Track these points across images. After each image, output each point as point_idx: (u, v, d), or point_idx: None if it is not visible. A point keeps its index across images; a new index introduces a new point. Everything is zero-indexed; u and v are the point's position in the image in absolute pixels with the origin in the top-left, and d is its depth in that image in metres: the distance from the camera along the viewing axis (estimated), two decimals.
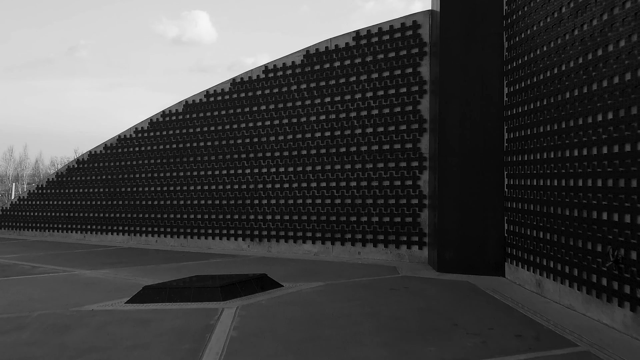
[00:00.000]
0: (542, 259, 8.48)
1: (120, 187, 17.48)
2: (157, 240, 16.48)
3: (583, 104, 7.32)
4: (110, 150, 17.83)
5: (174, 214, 16.15)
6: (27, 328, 7.08)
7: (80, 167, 18.73)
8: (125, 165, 17.40)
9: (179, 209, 16.04)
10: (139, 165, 17.04)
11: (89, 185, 18.36)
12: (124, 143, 17.49)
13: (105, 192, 17.89)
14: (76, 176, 18.79)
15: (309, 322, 7.16)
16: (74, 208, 18.79)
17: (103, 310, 8.09)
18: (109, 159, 17.86)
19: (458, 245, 10.57)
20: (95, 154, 18.25)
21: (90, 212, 18.32)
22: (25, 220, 20.32)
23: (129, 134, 17.36)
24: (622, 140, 6.42)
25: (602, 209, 6.82)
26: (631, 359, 5.47)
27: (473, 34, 10.63)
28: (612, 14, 6.67)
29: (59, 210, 19.25)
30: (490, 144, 10.35)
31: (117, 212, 17.54)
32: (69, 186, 18.97)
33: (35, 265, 13.03)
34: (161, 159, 16.51)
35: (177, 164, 16.16)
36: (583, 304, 7.29)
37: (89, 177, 18.37)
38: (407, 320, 7.18)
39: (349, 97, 13.22)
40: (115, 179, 17.64)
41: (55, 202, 19.37)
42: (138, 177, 17.02)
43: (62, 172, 19.50)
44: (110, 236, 17.72)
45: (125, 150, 17.45)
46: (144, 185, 16.85)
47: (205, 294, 8.52)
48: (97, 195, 18.11)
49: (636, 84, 6.17)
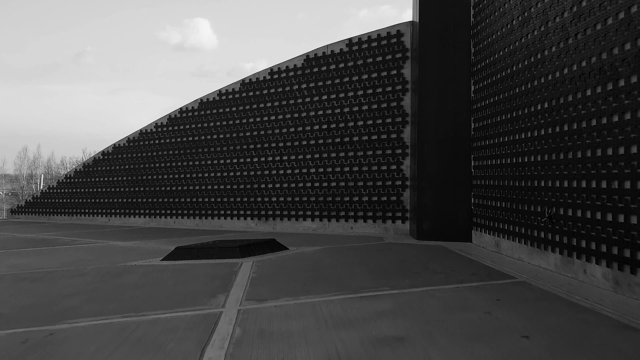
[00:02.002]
0: (499, 223, 9.92)
1: (141, 175, 18.80)
2: (175, 221, 17.82)
3: (528, 97, 8.77)
4: (133, 142, 19.14)
5: (190, 198, 17.50)
6: (88, 275, 8.45)
7: (105, 158, 20.03)
8: (146, 155, 18.71)
9: (194, 194, 17.39)
10: (158, 156, 18.36)
11: (113, 174, 19.67)
12: (145, 136, 18.80)
13: (128, 180, 19.20)
14: (101, 166, 20.09)
15: (312, 267, 8.58)
16: (99, 194, 20.10)
17: (144, 265, 9.45)
18: (131, 151, 19.17)
19: (434, 217, 12.00)
20: (119, 146, 19.55)
21: (114, 198, 19.63)
22: (55, 207, 21.60)
23: (150, 128, 18.67)
24: (554, 124, 7.87)
25: (540, 179, 8.27)
26: (552, 284, 6.92)
27: (446, 41, 12.04)
28: (547, 27, 8.11)
29: (85, 197, 20.55)
30: (460, 133, 11.78)
31: (139, 197, 18.86)
32: (94, 175, 20.27)
33: (74, 239, 14.35)
34: (178, 150, 17.85)
35: (192, 154, 17.50)
36: (528, 255, 8.74)
37: (113, 167, 19.68)
38: (389, 267, 8.60)
39: (342, 95, 14.63)
40: (137, 168, 18.96)
41: (82, 189, 20.67)
42: (158, 166, 18.35)
43: (88, 162, 20.78)
44: (133, 219, 19.04)
45: (146, 143, 18.76)
46: (163, 173, 18.18)
47: (226, 253, 9.91)
48: (121, 183, 19.42)
49: (563, 80, 7.61)
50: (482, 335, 4.70)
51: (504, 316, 5.32)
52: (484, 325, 5.03)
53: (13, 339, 4.96)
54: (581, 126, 7.14)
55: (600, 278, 6.69)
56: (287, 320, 5.36)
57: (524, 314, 5.42)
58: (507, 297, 6.19)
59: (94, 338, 4.90)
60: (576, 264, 7.24)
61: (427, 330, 4.86)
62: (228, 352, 4.42)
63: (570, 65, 7.44)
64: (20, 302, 6.49)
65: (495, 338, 4.62)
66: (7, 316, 5.83)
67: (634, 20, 6.05)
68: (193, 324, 5.27)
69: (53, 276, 8.38)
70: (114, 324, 5.39)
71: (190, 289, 7.07)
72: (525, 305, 5.82)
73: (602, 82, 6.67)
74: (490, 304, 5.85)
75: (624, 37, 6.25)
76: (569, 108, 7.45)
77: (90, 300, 6.55)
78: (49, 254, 11.23)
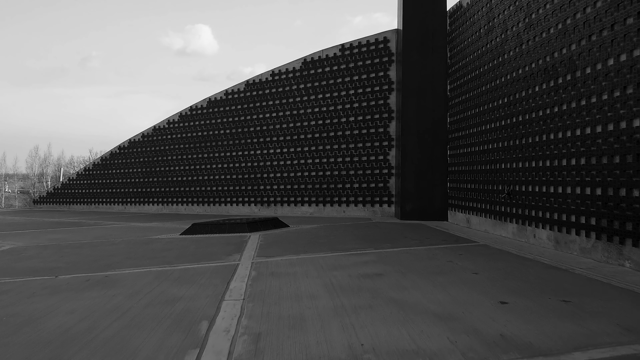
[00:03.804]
0: (469, 202, 11.04)
1: (155, 167, 19.80)
2: (186, 208, 18.85)
3: (491, 94, 9.88)
4: (147, 138, 20.14)
5: (199, 187, 18.53)
6: (120, 244, 9.48)
7: (121, 152, 21.01)
8: (159, 149, 19.72)
9: (203, 183, 18.42)
10: (170, 150, 19.38)
11: (129, 166, 20.66)
12: (158, 132, 19.81)
13: (142, 171, 20.20)
14: (118, 159, 21.07)
15: (310, 238, 9.67)
16: (115, 185, 21.09)
17: (165, 238, 10.48)
18: (145, 145, 20.17)
19: (415, 200, 13.10)
20: (134, 141, 20.54)
21: (129, 188, 20.62)
22: (74, 197, 22.55)
23: (162, 124, 19.68)
24: (511, 116, 8.98)
25: (501, 162, 9.38)
26: (507, 246, 8.03)
27: (426, 46, 13.13)
28: (507, 34, 9.22)
29: (103, 187, 21.53)
30: (438, 126, 12.88)
31: (152, 187, 19.87)
32: (111, 168, 21.25)
33: (97, 222, 15.34)
34: (189, 144, 18.87)
35: (201, 148, 18.53)
36: (492, 227, 9.85)
37: (129, 160, 20.66)
38: (375, 236, 9.70)
39: (336, 94, 15.71)
40: (150, 161, 19.96)
41: (100, 180, 21.64)
42: (170, 158, 19.37)
43: (105, 156, 21.75)
44: (147, 206, 20.05)
45: (159, 138, 19.77)
46: (175, 165, 19.20)
47: (236, 228, 10.97)
48: (136, 174, 20.41)
49: (519, 79, 8.72)
50: (442, 273, 5.80)
51: (462, 263, 6.43)
52: (445, 267, 6.14)
53: (77, 279, 6.01)
54: (532, 116, 8.26)
55: (545, 240, 7.81)
56: (291, 266, 6.44)
57: (478, 262, 6.53)
58: (467, 253, 7.30)
59: (140, 278, 5.97)
60: (528, 230, 8.36)
61: (400, 270, 5.96)
62: (248, 283, 5.49)
63: (523, 67, 8.55)
64: (72, 260, 7.54)
65: (452, 274, 5.73)
66: (65, 268, 6.88)
67: (569, 30, 7.17)
68: (217, 270, 6.34)
69: (90, 245, 9.43)
70: (153, 271, 6.45)
71: (210, 251, 8.14)
72: (481, 257, 6.94)
73: (546, 80, 7.79)
74: (453, 257, 6.96)
75: (561, 43, 7.37)
76: (522, 102, 8.57)
77: (129, 258, 7.60)
78: (79, 232, 12.24)
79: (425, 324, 3.81)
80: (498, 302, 4.44)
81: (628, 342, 3.35)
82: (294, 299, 4.71)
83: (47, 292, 5.34)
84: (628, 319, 3.86)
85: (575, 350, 3.23)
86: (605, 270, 5.86)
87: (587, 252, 6.75)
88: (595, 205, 6.55)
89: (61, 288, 5.52)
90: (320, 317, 4.06)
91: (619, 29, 6.12)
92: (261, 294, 4.97)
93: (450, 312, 4.14)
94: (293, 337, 3.61)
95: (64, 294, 5.19)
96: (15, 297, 5.17)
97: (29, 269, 6.87)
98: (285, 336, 3.63)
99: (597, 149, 6.52)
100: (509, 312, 4.11)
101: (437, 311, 4.16)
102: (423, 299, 4.56)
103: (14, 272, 6.66)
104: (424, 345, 3.36)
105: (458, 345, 3.35)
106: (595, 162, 6.59)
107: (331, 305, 4.44)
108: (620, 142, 6.09)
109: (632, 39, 5.88)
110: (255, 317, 4.13)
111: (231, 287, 5.35)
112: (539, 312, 4.10)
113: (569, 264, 6.32)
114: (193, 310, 4.41)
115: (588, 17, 6.74)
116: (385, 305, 4.37)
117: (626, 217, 5.97)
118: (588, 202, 6.71)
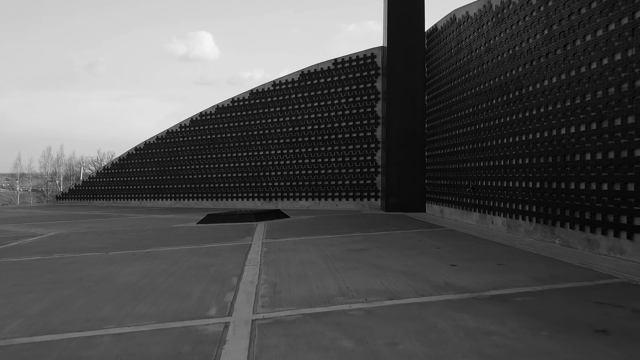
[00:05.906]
0: (442, 196, 12.26)
1: (168, 166, 20.89)
2: (196, 203, 19.96)
3: (460, 105, 11.09)
4: (161, 140, 21.21)
5: (208, 184, 19.65)
6: (147, 231, 10.59)
7: (137, 153, 22.07)
8: (172, 150, 20.81)
9: (212, 180, 19.54)
10: (182, 151, 20.47)
11: (144, 165, 21.73)
12: (171, 135, 20.89)
13: (157, 170, 21.28)
14: (134, 159, 22.13)
15: (308, 225, 10.84)
16: (132, 182, 22.14)
17: (185, 226, 11.61)
18: (160, 147, 21.25)
19: (398, 195, 14.30)
20: (150, 143, 21.61)
21: (145, 185, 21.69)
22: (94, 193, 23.58)
23: (175, 128, 20.76)
24: (475, 124, 10.19)
25: (467, 162, 10.60)
26: (469, 230, 9.25)
27: (408, 62, 14.33)
28: (471, 55, 10.43)
29: (120, 184, 22.58)
30: (417, 131, 14.09)
31: (166, 184, 20.95)
32: (128, 167, 22.31)
33: (120, 214, 16.41)
34: (199, 146, 19.98)
35: (210, 149, 19.64)
36: (461, 216, 11.07)
37: (144, 160, 21.73)
38: (362, 224, 10.89)
39: (330, 102, 16.88)
40: (164, 161, 21.05)
41: (118, 178, 22.69)
42: (182, 159, 20.46)
43: (123, 157, 22.79)
44: (161, 201, 21.14)
45: (172, 140, 20.86)
46: (186, 164, 20.30)
47: (245, 217, 12.13)
48: (150, 172, 21.49)
49: (480, 93, 9.94)
50: (413, 247, 7.00)
51: (430, 241, 7.63)
52: (416, 244, 7.34)
53: (125, 255, 7.15)
54: (490, 124, 9.47)
55: (500, 225, 9.04)
56: (294, 244, 7.62)
57: (443, 240, 7.74)
58: (436, 235, 8.51)
59: (175, 253, 7.12)
60: (487, 217, 9.59)
61: (380, 246, 7.16)
62: (261, 255, 6.66)
63: (484, 83, 9.77)
64: (113, 242, 8.67)
65: (420, 248, 6.93)
66: (111, 247, 8.01)
67: (516, 55, 8.39)
68: (235, 247, 7.50)
69: (122, 232, 10.54)
70: (184, 249, 7.60)
71: (226, 235, 9.29)
72: (446, 237, 8.15)
73: (500, 95, 9.01)
74: (424, 237, 8.17)
75: (511, 65, 8.59)
76: (483, 112, 9.79)
77: (160, 240, 8.74)
78: (108, 222, 13.33)
79: (394, 277, 5.01)
80: (449, 264, 5.64)
81: (532, 285, 4.56)
82: (298, 264, 5.89)
83: (106, 262, 6.48)
84: (539, 273, 5.08)
85: (494, 289, 4.43)
86: (539, 246, 7.09)
87: (530, 233, 7.98)
88: (536, 196, 7.78)
89: (115, 259, 6.66)
90: (319, 274, 5.25)
91: (551, 58, 7.35)
92: (273, 261, 6.14)
93: (413, 271, 5.33)
94: (300, 284, 4.78)
95: (120, 264, 6.33)
96: (82, 264, 6.31)
97: (81, 247, 7.99)
98: (294, 284, 4.81)
99: (537, 151, 7.74)
100: (456, 270, 5.32)
101: (403, 270, 5.36)
102: (395, 264, 5.76)
103: (71, 249, 7.78)
104: (391, 288, 4.55)
105: (414, 287, 4.55)
106: (536, 162, 7.81)
107: (326, 267, 5.63)
108: (552, 146, 7.32)
109: (560, 66, 7.11)
110: (271, 274, 5.30)
111: (249, 257, 6.52)
112: (477, 270, 5.31)
113: (514, 242, 7.55)
114: (223, 272, 5.57)
115: (530, 46, 7.97)
116: (367, 267, 5.56)
117: (556, 205, 7.20)
118: (531, 194, 7.94)
